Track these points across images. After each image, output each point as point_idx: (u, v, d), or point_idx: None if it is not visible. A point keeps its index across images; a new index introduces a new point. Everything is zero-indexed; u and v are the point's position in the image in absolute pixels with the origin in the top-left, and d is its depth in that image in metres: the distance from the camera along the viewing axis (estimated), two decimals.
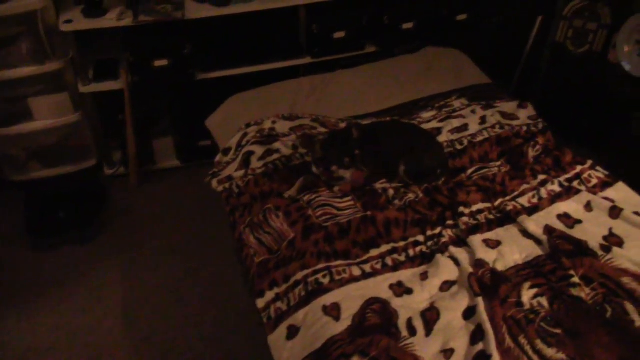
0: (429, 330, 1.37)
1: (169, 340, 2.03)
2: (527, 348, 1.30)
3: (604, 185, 1.74)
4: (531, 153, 1.85)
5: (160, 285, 2.24)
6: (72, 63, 2.35)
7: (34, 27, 2.23)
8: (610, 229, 1.59)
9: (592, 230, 1.60)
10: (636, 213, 1.61)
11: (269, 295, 1.53)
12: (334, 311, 1.41)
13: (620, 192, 1.71)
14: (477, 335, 1.33)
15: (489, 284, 1.45)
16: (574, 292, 1.41)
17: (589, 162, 1.80)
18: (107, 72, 2.42)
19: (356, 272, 1.53)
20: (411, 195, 1.77)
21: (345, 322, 1.38)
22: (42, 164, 2.61)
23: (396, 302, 1.44)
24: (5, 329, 2.07)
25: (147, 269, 2.31)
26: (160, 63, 2.31)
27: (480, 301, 1.40)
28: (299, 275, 1.52)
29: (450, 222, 1.67)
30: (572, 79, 2.57)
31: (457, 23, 2.64)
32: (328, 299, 1.45)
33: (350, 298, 1.44)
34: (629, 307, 1.37)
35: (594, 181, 1.75)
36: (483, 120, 2.05)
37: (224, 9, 2.32)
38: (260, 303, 1.53)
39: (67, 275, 2.28)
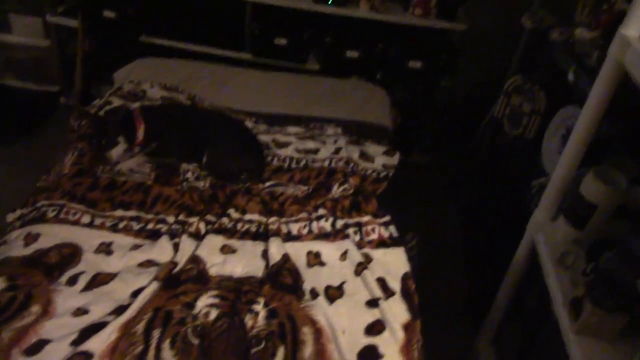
0: (87, 288, 1.38)
1: None
2: (153, 340, 1.26)
3: (380, 244, 1.59)
4: (335, 189, 1.76)
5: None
6: None
7: None
8: (343, 283, 1.47)
9: (325, 277, 1.49)
10: (380, 280, 1.46)
11: (17, 214, 1.63)
12: (30, 239, 1.48)
13: (388, 256, 1.55)
14: (121, 309, 1.31)
15: (179, 279, 1.42)
16: (247, 318, 1.33)
17: (386, 219, 1.66)
18: (74, 11, 2.69)
19: (85, 219, 1.58)
20: (200, 184, 1.77)
21: (27, 251, 1.43)
22: (15, 75, 2.97)
23: (87, 256, 1.47)
24: None
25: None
26: (108, 14, 2.53)
27: (152, 285, 1.38)
28: (40, 203, 1.60)
29: (210, 218, 1.64)
30: (506, 162, 2.32)
31: (410, 70, 2.52)
32: (37, 229, 1.51)
33: (55, 236, 1.50)
34: (280, 352, 1.26)
35: (373, 237, 1.61)
36: (337, 151, 1.97)
37: None
38: (9, 218, 1.63)
39: None
